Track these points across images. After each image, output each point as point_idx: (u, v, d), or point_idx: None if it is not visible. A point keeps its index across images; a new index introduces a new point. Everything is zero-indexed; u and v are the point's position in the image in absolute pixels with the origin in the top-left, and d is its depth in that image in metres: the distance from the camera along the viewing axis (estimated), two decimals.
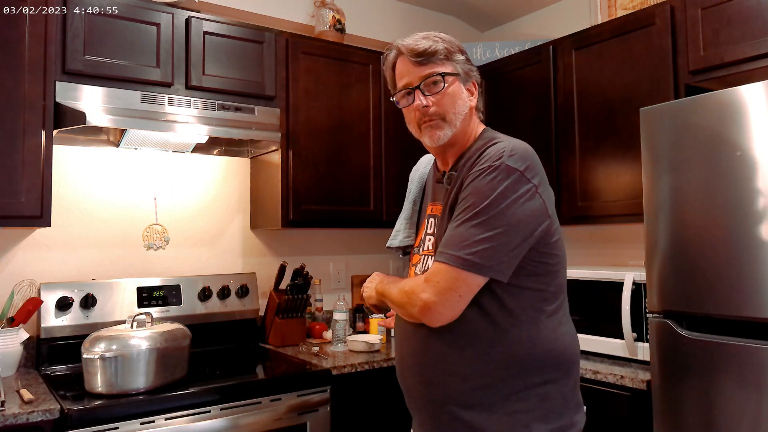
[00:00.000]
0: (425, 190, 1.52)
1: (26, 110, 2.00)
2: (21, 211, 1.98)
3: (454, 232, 1.23)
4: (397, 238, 1.52)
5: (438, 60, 1.33)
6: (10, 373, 2.08)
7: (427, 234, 1.41)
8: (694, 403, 1.78)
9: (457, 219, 1.24)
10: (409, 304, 1.27)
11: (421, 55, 1.32)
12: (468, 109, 1.37)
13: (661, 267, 1.89)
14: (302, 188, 2.58)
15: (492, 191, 1.20)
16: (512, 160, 1.23)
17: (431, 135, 1.34)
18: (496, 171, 1.22)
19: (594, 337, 2.31)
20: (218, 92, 2.39)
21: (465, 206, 1.23)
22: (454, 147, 1.38)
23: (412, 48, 1.33)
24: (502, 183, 1.21)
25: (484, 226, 1.19)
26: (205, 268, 2.72)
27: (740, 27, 2.04)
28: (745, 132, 1.70)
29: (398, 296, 1.32)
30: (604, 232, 2.87)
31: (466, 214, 1.22)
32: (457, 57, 1.35)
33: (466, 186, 1.25)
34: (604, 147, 2.49)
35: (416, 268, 1.42)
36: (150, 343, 1.89)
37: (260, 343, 2.71)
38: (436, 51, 1.32)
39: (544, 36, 3.16)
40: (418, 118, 1.35)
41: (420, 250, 1.43)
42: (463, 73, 1.36)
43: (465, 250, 1.19)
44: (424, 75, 1.32)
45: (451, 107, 1.33)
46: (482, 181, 1.22)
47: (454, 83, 1.34)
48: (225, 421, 1.93)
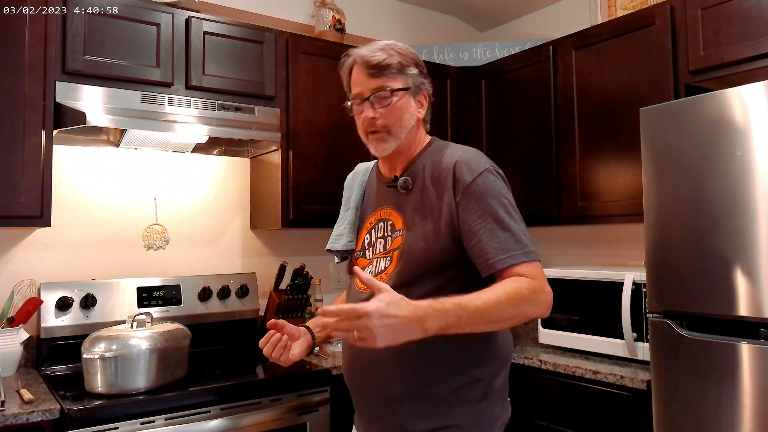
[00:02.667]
0: (365, 197, 1.56)
1: (26, 110, 2.00)
2: (21, 211, 1.98)
3: (506, 235, 1.27)
4: (339, 242, 1.53)
5: (390, 74, 1.38)
6: (10, 373, 2.09)
7: (379, 237, 1.44)
8: (694, 403, 1.78)
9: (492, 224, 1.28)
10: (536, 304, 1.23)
11: (374, 68, 1.37)
12: (415, 122, 1.43)
13: (661, 267, 1.89)
14: (302, 188, 2.58)
15: (500, 190, 1.33)
16: (488, 162, 1.37)
17: (376, 146, 1.41)
18: (491, 174, 1.34)
19: (594, 337, 2.31)
20: (218, 92, 2.39)
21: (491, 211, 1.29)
22: (401, 155, 1.45)
23: (366, 60, 1.38)
24: (500, 183, 1.35)
25: (517, 220, 1.31)
26: (205, 268, 2.72)
27: (740, 27, 2.04)
28: (745, 132, 1.70)
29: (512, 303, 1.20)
30: (604, 232, 2.87)
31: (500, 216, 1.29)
32: (410, 71, 1.41)
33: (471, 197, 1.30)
34: (604, 147, 2.49)
35: (366, 271, 1.44)
36: (150, 343, 1.89)
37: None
38: (389, 65, 1.37)
39: (544, 36, 3.16)
40: (365, 127, 1.41)
41: (370, 254, 1.45)
42: (414, 86, 1.42)
43: (528, 245, 1.28)
44: (375, 87, 1.38)
45: (397, 121, 1.39)
46: (485, 187, 1.31)
47: (403, 98, 1.39)
48: (225, 421, 1.93)
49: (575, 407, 2.18)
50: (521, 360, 2.37)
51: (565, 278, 2.44)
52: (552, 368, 2.26)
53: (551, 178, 2.69)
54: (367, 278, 1.16)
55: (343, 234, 1.54)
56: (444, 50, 3.17)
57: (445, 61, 3.16)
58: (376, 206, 1.49)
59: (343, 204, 1.61)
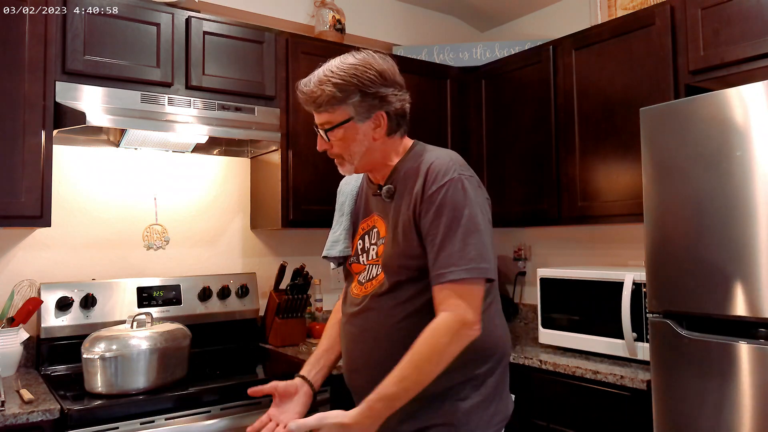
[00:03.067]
0: (357, 203, 1.57)
1: (26, 110, 2.00)
2: (21, 211, 1.98)
3: (450, 250, 1.28)
4: (335, 248, 1.55)
5: (329, 107, 1.38)
6: (10, 373, 2.09)
7: (371, 244, 1.46)
8: (693, 403, 1.78)
9: (442, 236, 1.29)
10: (456, 342, 1.26)
11: (312, 104, 1.40)
12: (369, 144, 1.41)
13: (661, 267, 1.89)
14: (302, 188, 2.58)
15: (462, 202, 1.30)
16: (462, 169, 1.35)
17: (340, 169, 1.48)
18: (458, 182, 1.32)
19: (594, 337, 2.31)
20: (218, 92, 2.39)
21: (447, 223, 1.29)
22: (377, 168, 1.47)
23: (305, 97, 1.41)
24: (466, 192, 1.32)
25: (471, 235, 1.29)
26: (205, 268, 2.72)
27: (740, 27, 2.04)
28: (745, 132, 1.70)
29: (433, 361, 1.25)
30: (604, 232, 2.87)
31: (454, 230, 1.29)
32: (352, 99, 1.37)
33: (431, 205, 1.31)
34: (604, 147, 2.49)
35: (360, 276, 1.48)
36: (150, 343, 1.89)
37: (260, 343, 2.71)
38: (323, 101, 1.37)
39: (544, 36, 3.16)
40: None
41: (364, 260, 1.49)
42: (359, 113, 1.39)
43: (472, 263, 1.27)
44: (320, 123, 1.43)
45: (346, 150, 1.42)
46: (452, 196, 1.31)
47: (347, 128, 1.39)
48: (225, 421, 1.93)
49: (575, 407, 2.18)
50: (521, 360, 2.37)
51: (565, 278, 2.44)
52: (552, 368, 2.26)
53: (551, 178, 2.69)
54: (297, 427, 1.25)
55: (339, 240, 1.55)
56: (444, 50, 3.18)
57: (445, 61, 3.16)
58: (368, 213, 1.52)
59: (337, 209, 1.62)
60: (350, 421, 1.23)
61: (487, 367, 1.37)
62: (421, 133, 1.57)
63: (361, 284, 1.47)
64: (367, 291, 1.44)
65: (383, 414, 1.24)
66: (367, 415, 1.23)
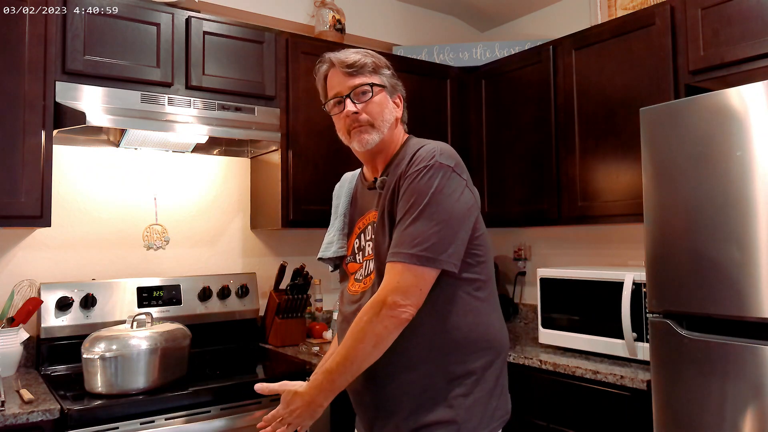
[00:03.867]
0: (352, 204, 1.59)
1: (26, 110, 2.00)
2: (21, 211, 1.98)
3: (404, 233, 1.30)
4: (329, 249, 1.56)
5: (366, 72, 1.44)
6: (10, 373, 2.09)
7: (368, 240, 1.47)
8: (694, 403, 1.78)
9: (403, 219, 1.31)
10: (378, 321, 1.27)
11: (351, 67, 1.43)
12: (394, 119, 1.47)
13: (661, 267, 1.89)
14: (302, 188, 2.58)
15: (430, 188, 1.30)
16: (443, 158, 1.34)
17: (360, 139, 1.43)
18: (432, 170, 1.32)
19: (594, 337, 2.31)
20: (218, 92, 2.39)
21: (408, 206, 1.31)
22: (381, 153, 1.48)
23: (342, 60, 1.44)
24: (438, 180, 1.31)
25: (430, 221, 1.29)
26: (205, 268, 2.72)
27: (740, 27, 2.04)
28: (745, 132, 1.70)
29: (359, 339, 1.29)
30: (604, 232, 2.87)
31: (412, 213, 1.30)
32: (384, 71, 1.47)
33: (405, 188, 1.34)
34: (604, 147, 2.49)
35: (357, 274, 1.49)
36: (150, 343, 1.89)
37: (260, 343, 2.71)
38: (364, 64, 1.43)
39: (544, 36, 3.16)
40: (348, 124, 1.44)
41: (360, 258, 1.49)
42: (390, 86, 1.48)
43: (418, 247, 1.27)
44: (354, 85, 1.43)
45: (379, 114, 1.44)
46: (420, 181, 1.32)
47: (380, 93, 1.45)
48: (225, 421, 1.93)
49: (575, 407, 2.18)
50: (521, 360, 2.37)
51: (565, 278, 2.44)
52: (552, 368, 2.26)
53: (551, 178, 2.69)
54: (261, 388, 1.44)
55: (333, 241, 1.56)
56: (444, 50, 3.18)
57: (445, 61, 3.16)
58: (364, 211, 1.52)
59: (332, 213, 1.63)
60: (301, 390, 1.34)
61: (484, 360, 1.37)
62: (421, 132, 1.57)
63: (358, 281, 1.48)
64: (365, 287, 1.44)
65: (326, 387, 1.31)
66: (313, 386, 1.32)
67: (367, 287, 1.43)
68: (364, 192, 1.55)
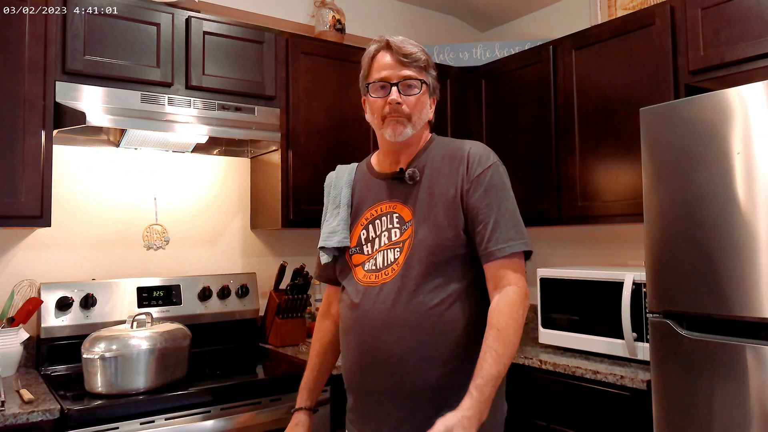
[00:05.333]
0: (354, 194, 1.58)
1: (26, 110, 2.00)
2: (21, 211, 1.98)
3: (506, 226, 1.37)
4: (332, 239, 1.52)
5: (419, 67, 1.46)
6: (10, 373, 2.08)
7: (382, 231, 1.47)
8: (694, 403, 1.78)
9: (496, 214, 1.37)
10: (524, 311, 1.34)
11: (407, 57, 1.44)
12: (427, 119, 1.51)
13: (661, 267, 1.89)
14: (302, 188, 2.58)
15: (504, 184, 1.42)
16: (498, 159, 1.46)
17: (395, 129, 1.44)
18: (499, 166, 1.44)
19: (594, 337, 2.31)
20: (218, 92, 2.39)
21: (497, 201, 1.38)
22: (409, 148, 1.50)
23: (400, 47, 1.44)
24: (506, 176, 1.44)
25: (516, 212, 1.40)
26: (205, 268, 2.72)
27: (740, 27, 2.04)
28: (745, 132, 1.70)
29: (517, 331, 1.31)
30: (604, 232, 2.87)
31: (502, 207, 1.38)
32: (431, 72, 1.51)
33: (480, 186, 1.39)
34: (604, 147, 2.49)
35: (365, 265, 1.46)
36: (150, 343, 1.89)
37: (260, 343, 2.71)
38: (419, 59, 1.45)
39: (544, 36, 3.16)
40: (386, 111, 1.44)
41: (369, 249, 1.47)
42: (432, 87, 1.51)
43: (524, 238, 1.39)
44: (406, 75, 1.44)
45: (418, 111, 1.46)
46: (495, 178, 1.41)
47: (424, 92, 1.48)
48: (225, 421, 1.93)
49: (575, 407, 2.18)
50: (521, 360, 2.37)
51: (565, 278, 2.44)
52: (552, 368, 2.26)
53: (551, 178, 2.69)
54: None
55: (337, 231, 1.53)
56: (444, 50, 3.17)
57: (445, 61, 3.16)
58: (375, 201, 1.51)
59: (330, 202, 1.61)
60: (470, 413, 1.20)
61: None
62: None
63: (372, 272, 1.44)
64: (387, 277, 1.41)
65: (492, 397, 1.24)
66: (481, 400, 1.22)
67: (390, 277, 1.40)
68: (371, 183, 1.54)
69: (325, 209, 1.62)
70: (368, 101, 1.49)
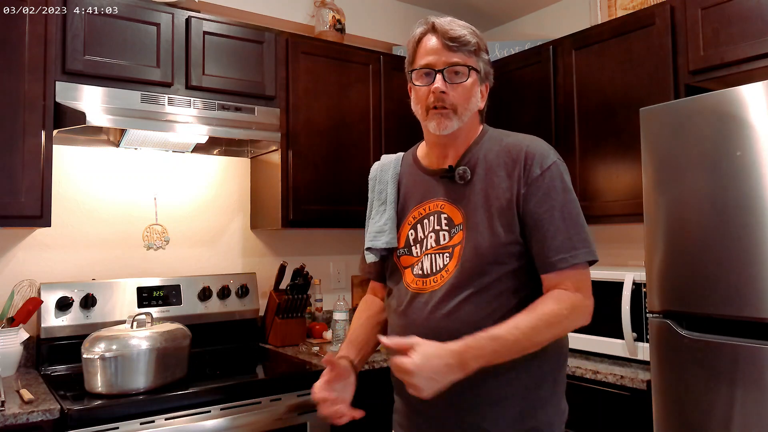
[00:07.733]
0: (400, 191, 1.45)
1: (26, 110, 2.00)
2: (21, 211, 1.98)
3: (568, 234, 1.25)
4: (380, 239, 1.41)
5: (468, 51, 1.32)
6: (10, 373, 2.08)
7: (429, 232, 1.35)
8: (694, 403, 1.78)
9: (559, 220, 1.25)
10: (575, 320, 1.24)
11: (454, 41, 1.31)
12: (477, 109, 1.38)
13: (661, 267, 1.89)
14: (302, 188, 2.58)
15: (567, 186, 1.29)
16: (558, 156, 1.34)
17: (439, 122, 1.31)
18: (560, 167, 1.31)
19: (594, 337, 2.31)
20: (218, 92, 2.39)
21: (558, 207, 1.26)
22: (457, 141, 1.37)
23: (446, 30, 1.32)
24: (568, 177, 1.32)
25: (581, 217, 1.28)
26: (205, 268, 2.72)
27: (740, 27, 2.04)
28: (745, 132, 1.70)
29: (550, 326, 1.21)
30: (604, 232, 2.87)
31: (565, 212, 1.26)
32: (484, 56, 1.36)
33: (538, 189, 1.27)
34: (604, 147, 2.49)
35: (413, 269, 1.35)
36: (150, 343, 1.89)
37: (260, 343, 2.71)
38: (468, 42, 1.32)
39: (544, 36, 3.16)
40: (430, 101, 1.32)
41: (417, 251, 1.36)
42: (483, 73, 1.37)
43: (590, 246, 1.26)
44: (452, 62, 1.31)
45: (465, 101, 1.32)
46: (555, 180, 1.28)
47: (474, 78, 1.34)
48: (225, 421, 1.93)
49: (575, 407, 2.17)
50: None
51: None
52: None
53: None
54: (392, 343, 1.15)
55: (384, 231, 1.41)
56: None
57: None
58: (421, 199, 1.39)
59: (375, 198, 1.48)
60: (456, 347, 1.13)
61: (557, 361, 1.33)
62: (420, 132, 1.52)
63: (421, 277, 1.33)
64: (436, 285, 1.30)
65: (487, 352, 1.15)
66: (473, 344, 1.14)
67: (439, 285, 1.29)
68: (418, 178, 1.42)
69: (370, 205, 1.49)
70: (413, 89, 1.36)
